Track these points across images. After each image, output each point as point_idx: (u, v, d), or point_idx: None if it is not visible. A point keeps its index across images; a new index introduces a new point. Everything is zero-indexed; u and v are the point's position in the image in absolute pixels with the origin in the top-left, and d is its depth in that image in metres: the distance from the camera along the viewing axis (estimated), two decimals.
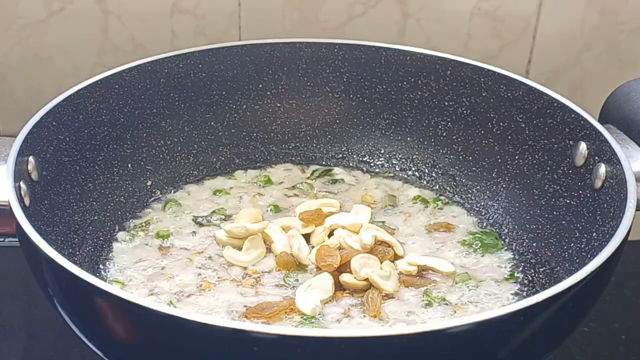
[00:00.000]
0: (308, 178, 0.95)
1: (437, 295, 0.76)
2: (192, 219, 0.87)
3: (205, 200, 0.91)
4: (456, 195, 0.92)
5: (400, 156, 0.97)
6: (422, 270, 0.79)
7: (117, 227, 0.86)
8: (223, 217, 0.87)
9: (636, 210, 0.68)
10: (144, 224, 0.86)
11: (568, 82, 1.05)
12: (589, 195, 0.78)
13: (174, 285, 0.77)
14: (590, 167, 0.78)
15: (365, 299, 0.74)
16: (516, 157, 0.88)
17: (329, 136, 0.98)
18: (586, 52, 1.05)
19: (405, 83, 0.94)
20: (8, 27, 1.00)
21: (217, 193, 0.92)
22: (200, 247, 0.83)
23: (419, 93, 0.94)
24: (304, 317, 0.73)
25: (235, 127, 0.97)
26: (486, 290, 0.78)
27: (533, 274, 0.81)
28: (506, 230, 0.87)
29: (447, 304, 0.76)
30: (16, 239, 0.67)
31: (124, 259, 0.81)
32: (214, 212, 0.88)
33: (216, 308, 0.74)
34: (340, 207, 0.88)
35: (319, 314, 0.73)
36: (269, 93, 0.97)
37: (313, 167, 0.97)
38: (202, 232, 0.85)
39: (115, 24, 1.01)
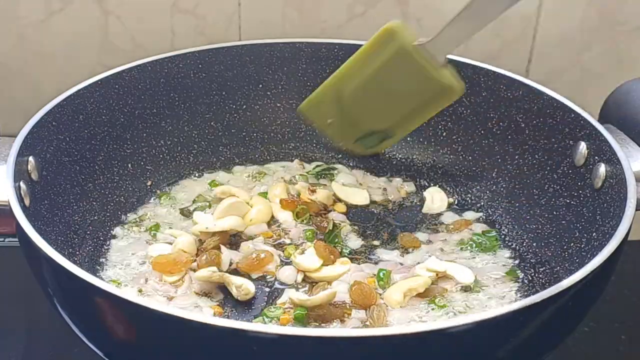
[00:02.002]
0: (308, 172, 0.95)
1: (443, 303, 0.76)
2: (179, 211, 0.88)
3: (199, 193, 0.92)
4: (456, 195, 0.92)
5: (400, 156, 0.97)
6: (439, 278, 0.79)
7: (117, 227, 0.86)
8: (207, 204, 0.88)
9: (636, 210, 0.68)
10: (138, 219, 0.87)
11: (568, 82, 1.05)
12: (588, 195, 0.78)
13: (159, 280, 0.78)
14: (590, 166, 0.78)
15: (370, 315, 0.74)
16: (516, 157, 0.88)
17: None
18: (586, 52, 1.05)
19: None
20: (8, 27, 1.00)
21: (213, 184, 0.92)
22: None
23: None
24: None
25: (235, 127, 0.97)
26: (486, 290, 0.78)
27: (533, 274, 0.80)
28: (506, 230, 0.87)
29: (451, 309, 0.76)
30: (16, 239, 0.67)
31: (119, 256, 0.81)
32: (194, 201, 0.89)
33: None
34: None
35: None
36: (269, 93, 0.97)
37: (316, 163, 0.97)
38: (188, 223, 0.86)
39: (115, 24, 1.01)
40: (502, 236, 0.86)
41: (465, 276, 0.78)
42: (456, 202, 0.92)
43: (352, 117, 0.88)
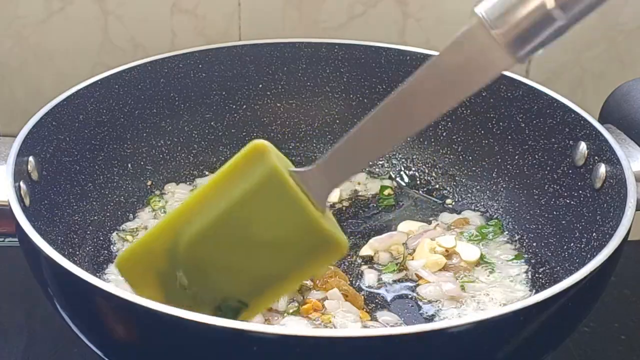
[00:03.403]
0: None
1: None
2: None
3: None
4: (456, 195, 0.92)
5: (400, 156, 0.97)
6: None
7: (116, 227, 0.86)
8: None
9: (636, 210, 0.68)
10: (135, 229, 0.86)
11: (568, 82, 1.05)
12: (588, 195, 0.78)
13: None
14: (590, 167, 0.78)
15: None
16: (516, 157, 0.88)
17: (329, 136, 0.98)
18: (586, 52, 1.05)
19: None
20: (8, 27, 1.00)
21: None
22: None
23: None
24: None
25: (235, 127, 0.97)
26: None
27: (533, 274, 0.81)
28: (506, 230, 0.87)
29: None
30: (16, 239, 0.67)
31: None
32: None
33: None
34: None
35: None
36: (269, 93, 0.97)
37: None
38: None
39: (115, 24, 1.01)
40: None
41: (471, 253, 0.81)
42: (456, 202, 0.92)
43: (198, 274, 0.61)
